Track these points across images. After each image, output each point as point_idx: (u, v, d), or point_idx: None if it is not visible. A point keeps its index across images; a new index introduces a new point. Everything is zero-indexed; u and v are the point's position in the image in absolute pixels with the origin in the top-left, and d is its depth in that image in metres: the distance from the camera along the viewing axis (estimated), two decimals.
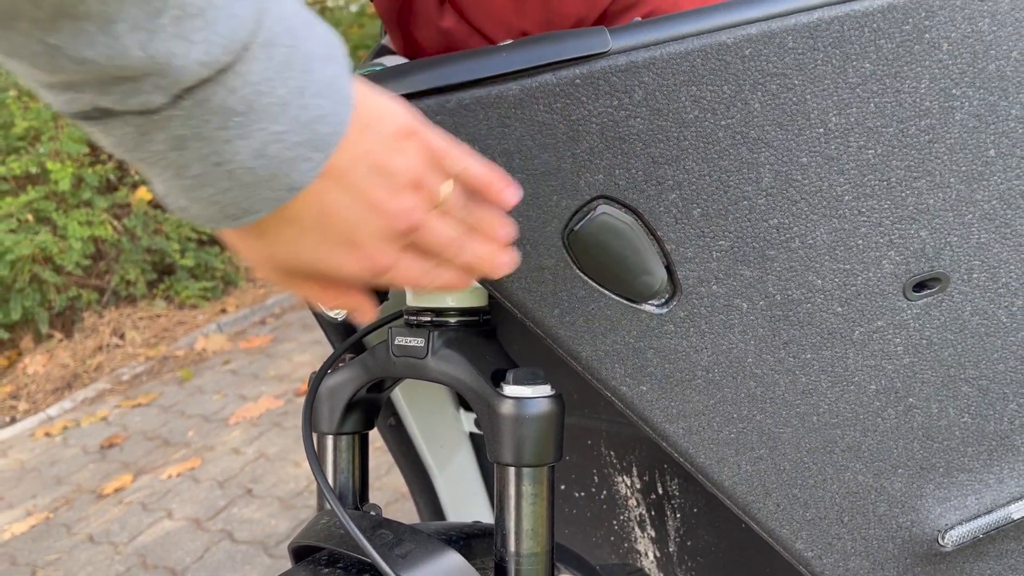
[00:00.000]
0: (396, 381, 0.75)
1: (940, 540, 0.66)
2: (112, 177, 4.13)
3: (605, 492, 0.97)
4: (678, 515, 0.91)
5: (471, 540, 0.67)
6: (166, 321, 4.03)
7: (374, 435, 0.80)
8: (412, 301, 0.70)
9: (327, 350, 3.48)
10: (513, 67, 0.53)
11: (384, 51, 0.97)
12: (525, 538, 0.62)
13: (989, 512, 0.66)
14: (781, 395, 0.62)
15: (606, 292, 0.58)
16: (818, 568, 0.66)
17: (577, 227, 0.56)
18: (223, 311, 4.17)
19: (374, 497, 0.98)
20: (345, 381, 0.71)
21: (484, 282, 0.58)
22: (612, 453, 0.94)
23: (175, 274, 4.23)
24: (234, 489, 2.45)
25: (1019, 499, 0.66)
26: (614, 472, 0.95)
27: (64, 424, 3.33)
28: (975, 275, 0.61)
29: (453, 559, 0.61)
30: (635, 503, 0.94)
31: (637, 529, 0.96)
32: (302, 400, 3.00)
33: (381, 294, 0.64)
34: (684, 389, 0.61)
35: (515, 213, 0.56)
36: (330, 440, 0.72)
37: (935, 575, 0.68)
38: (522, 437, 0.61)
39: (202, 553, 2.13)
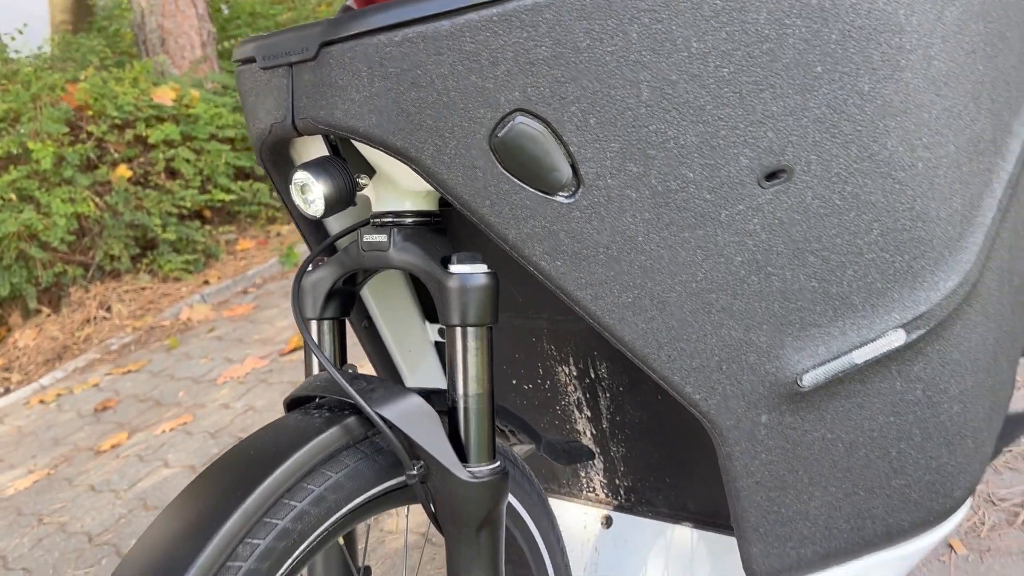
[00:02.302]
0: (367, 276, 0.92)
1: (799, 382, 0.84)
2: (92, 155, 4.23)
3: (548, 382, 1.14)
4: (608, 395, 1.09)
5: (431, 395, 0.84)
6: (151, 293, 4.16)
7: None
8: (376, 207, 0.86)
9: None
10: (445, 8, 0.69)
11: (348, 11, 1.13)
12: (471, 381, 0.79)
13: (836, 358, 0.84)
14: (666, 266, 0.79)
15: (525, 186, 0.75)
16: (704, 408, 0.84)
17: (500, 134, 0.73)
18: (206, 283, 4.30)
19: None
20: (324, 276, 0.88)
21: (429, 180, 0.74)
22: (552, 347, 1.11)
23: (158, 248, 4.36)
24: (226, 439, 2.61)
25: (859, 347, 0.84)
26: (554, 363, 1.12)
27: (57, 392, 3.47)
28: (813, 167, 0.78)
29: (416, 399, 0.78)
30: (573, 388, 1.12)
31: (576, 411, 1.13)
32: (287, 360, 3.16)
33: (348, 201, 0.80)
34: (590, 263, 0.78)
35: (450, 124, 0.72)
36: (314, 324, 0.88)
37: (797, 411, 0.86)
38: (466, 303, 0.78)
39: None
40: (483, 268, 0.79)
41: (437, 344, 1.22)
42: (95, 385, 3.46)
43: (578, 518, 1.20)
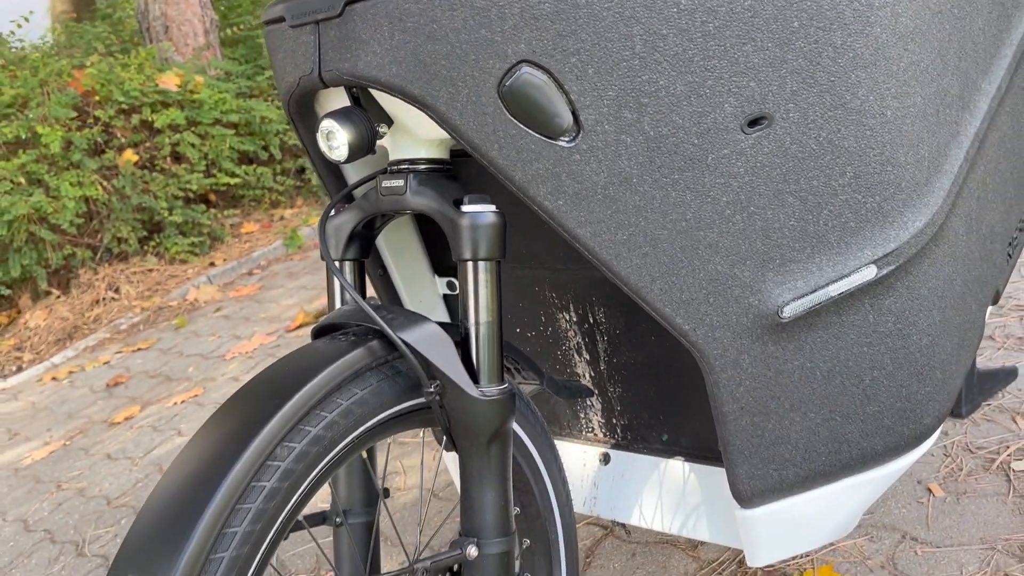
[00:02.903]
0: (384, 222, 1.00)
1: (780, 313, 0.92)
2: (100, 140, 4.31)
3: (550, 329, 1.22)
4: (605, 338, 1.17)
5: (446, 327, 0.92)
6: (158, 275, 4.24)
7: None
8: (393, 155, 0.94)
9: (313, 294, 3.72)
10: None
11: None
12: (482, 310, 0.87)
13: (814, 291, 0.92)
14: (658, 206, 0.87)
15: (530, 131, 0.83)
16: (693, 338, 0.92)
17: (507, 84, 0.81)
18: (211, 265, 4.38)
19: None
20: (346, 220, 0.96)
21: (443, 126, 0.82)
22: (554, 295, 1.19)
23: (164, 231, 4.43)
24: None
25: (835, 281, 0.92)
26: (556, 311, 1.20)
27: (69, 369, 3.55)
28: (791, 115, 0.86)
29: (433, 326, 0.86)
30: (573, 334, 1.20)
31: (576, 355, 1.22)
32: (293, 335, 3.25)
33: (369, 148, 0.88)
34: (589, 203, 0.86)
35: (462, 74, 0.80)
36: (336, 264, 0.96)
37: (779, 341, 0.94)
38: (476, 239, 0.86)
39: None
40: (492, 207, 0.87)
41: (446, 297, 1.30)
42: (106, 363, 3.54)
43: (578, 457, 1.28)
